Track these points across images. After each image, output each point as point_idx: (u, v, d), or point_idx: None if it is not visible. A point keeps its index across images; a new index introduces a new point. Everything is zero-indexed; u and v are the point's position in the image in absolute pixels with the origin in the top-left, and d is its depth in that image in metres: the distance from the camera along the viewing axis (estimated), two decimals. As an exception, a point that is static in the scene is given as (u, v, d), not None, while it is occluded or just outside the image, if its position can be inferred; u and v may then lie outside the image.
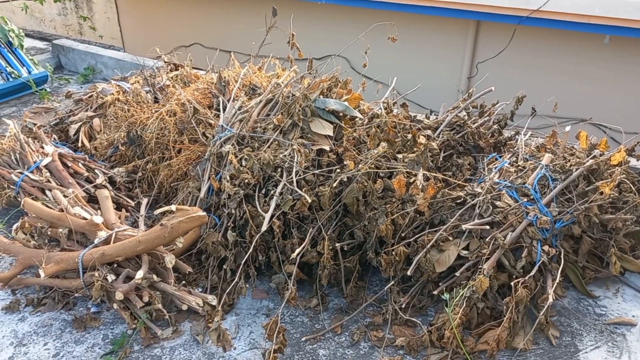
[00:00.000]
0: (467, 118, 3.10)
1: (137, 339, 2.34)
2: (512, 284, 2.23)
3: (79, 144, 3.68)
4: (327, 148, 2.68)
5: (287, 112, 2.81)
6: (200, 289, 2.59)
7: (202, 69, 4.15)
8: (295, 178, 2.48)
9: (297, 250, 2.34)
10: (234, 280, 2.44)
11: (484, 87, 3.10)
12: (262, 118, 2.91)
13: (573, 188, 2.51)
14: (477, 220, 2.40)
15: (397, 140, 2.71)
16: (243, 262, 2.42)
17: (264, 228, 2.37)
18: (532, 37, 3.94)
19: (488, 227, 2.38)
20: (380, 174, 2.53)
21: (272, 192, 2.51)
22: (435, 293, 2.37)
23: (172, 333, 2.36)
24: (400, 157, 2.59)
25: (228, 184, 2.56)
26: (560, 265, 2.32)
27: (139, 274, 2.29)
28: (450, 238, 2.41)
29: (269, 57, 3.66)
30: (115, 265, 2.43)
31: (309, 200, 2.39)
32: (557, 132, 2.97)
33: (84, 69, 5.86)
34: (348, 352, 2.28)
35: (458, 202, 2.53)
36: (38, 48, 6.67)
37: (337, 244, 2.46)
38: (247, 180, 2.55)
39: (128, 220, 3.05)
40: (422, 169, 2.53)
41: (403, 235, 2.46)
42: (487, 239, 2.32)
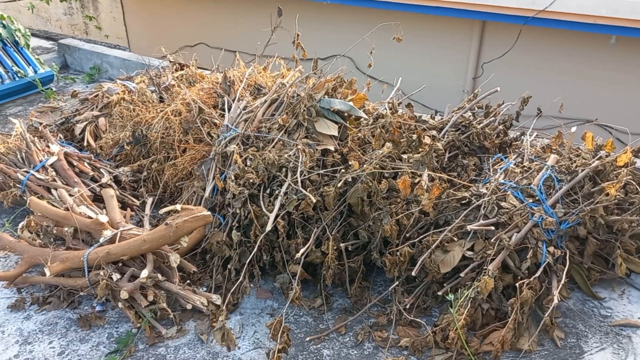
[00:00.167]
0: (472, 118, 3.09)
1: (141, 338, 2.35)
2: (517, 285, 2.22)
3: (85, 143, 3.70)
4: (331, 148, 2.68)
5: (292, 112, 2.81)
6: (205, 289, 2.59)
7: (207, 69, 4.16)
8: (300, 178, 2.48)
9: (301, 250, 2.34)
10: (239, 280, 2.44)
11: (490, 87, 3.09)
12: (267, 118, 2.91)
13: (579, 189, 2.50)
14: (482, 221, 2.40)
15: (402, 141, 2.70)
16: (247, 261, 2.41)
17: (269, 228, 2.37)
18: (537, 37, 3.92)
19: (493, 227, 2.37)
20: (385, 175, 2.53)
21: (276, 192, 2.51)
22: (440, 294, 2.37)
23: (176, 332, 2.37)
24: (405, 157, 2.58)
25: (233, 184, 2.56)
26: (566, 267, 2.31)
27: (144, 273, 2.30)
28: (455, 239, 2.40)
29: (274, 57, 3.67)
30: (120, 264, 2.44)
31: (314, 200, 2.39)
32: (562, 132, 2.96)
33: (90, 69, 5.88)
34: (352, 352, 2.28)
35: (463, 202, 2.52)
36: (44, 47, 6.71)
37: (341, 244, 2.46)
38: (251, 180, 2.55)
39: (133, 220, 3.06)
40: (427, 170, 2.52)
41: (408, 236, 2.45)
42: (492, 240, 2.31)
